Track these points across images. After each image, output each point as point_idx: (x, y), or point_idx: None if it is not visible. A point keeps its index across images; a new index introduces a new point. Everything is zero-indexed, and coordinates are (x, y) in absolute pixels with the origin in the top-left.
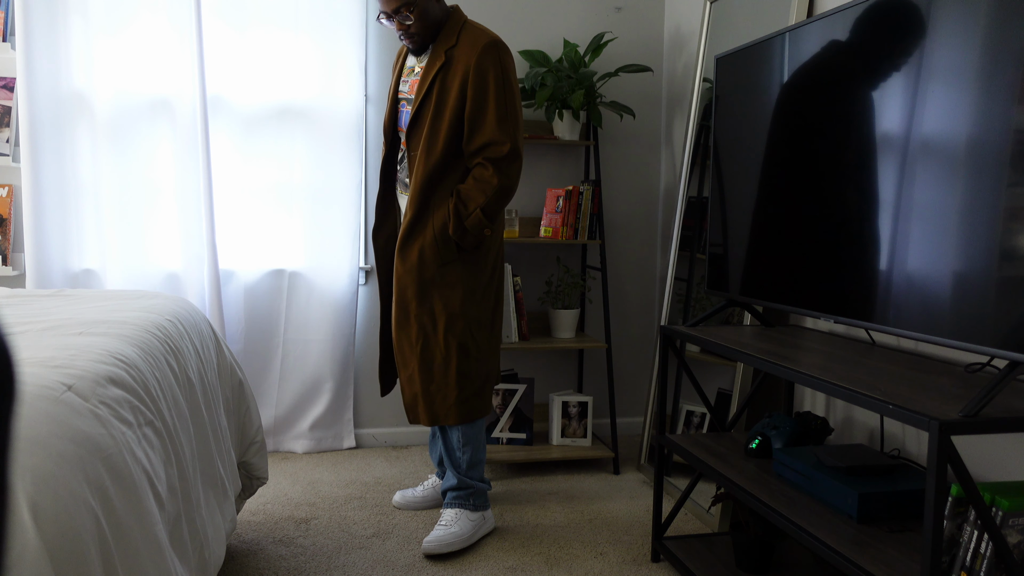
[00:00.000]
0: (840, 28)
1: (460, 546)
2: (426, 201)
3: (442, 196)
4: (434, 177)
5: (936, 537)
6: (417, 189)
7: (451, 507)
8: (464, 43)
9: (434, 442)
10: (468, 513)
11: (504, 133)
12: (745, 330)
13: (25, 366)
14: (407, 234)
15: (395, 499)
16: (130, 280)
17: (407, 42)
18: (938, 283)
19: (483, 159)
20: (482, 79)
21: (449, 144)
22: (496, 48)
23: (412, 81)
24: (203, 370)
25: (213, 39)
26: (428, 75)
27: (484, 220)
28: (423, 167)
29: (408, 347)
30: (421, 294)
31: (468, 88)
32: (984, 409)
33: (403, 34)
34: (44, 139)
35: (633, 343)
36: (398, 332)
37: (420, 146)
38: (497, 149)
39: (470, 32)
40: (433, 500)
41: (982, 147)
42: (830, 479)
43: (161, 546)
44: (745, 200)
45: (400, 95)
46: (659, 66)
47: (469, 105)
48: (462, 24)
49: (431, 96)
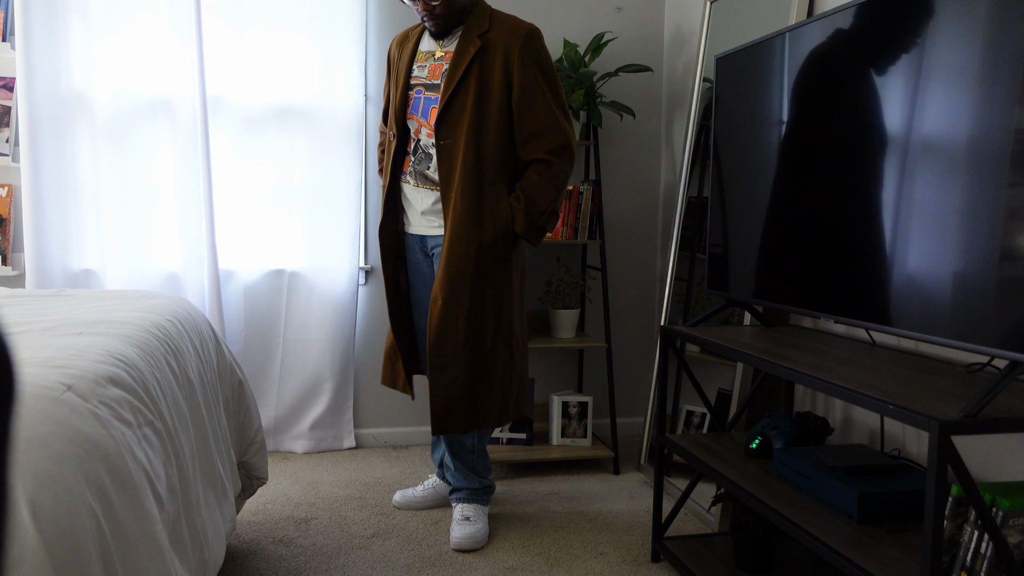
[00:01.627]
0: (839, 28)
1: (485, 541)
2: (479, 196)
3: (499, 191)
4: (488, 170)
5: (936, 537)
6: (464, 183)
7: (469, 503)
8: (500, 28)
9: (437, 444)
10: (485, 508)
11: (563, 123)
12: (745, 330)
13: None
14: (458, 232)
15: (395, 499)
16: (130, 280)
17: (430, 24)
18: (938, 283)
19: (546, 152)
20: (532, 67)
21: (501, 135)
22: (539, 35)
23: (433, 66)
24: (203, 370)
25: (213, 39)
26: (461, 60)
27: (556, 215)
28: (471, 159)
29: (453, 350)
30: (475, 294)
31: (514, 76)
32: (984, 409)
33: (427, 15)
34: (44, 139)
35: (633, 343)
36: (440, 335)
37: (462, 136)
38: (557, 139)
39: (504, 18)
40: (433, 500)
41: (983, 146)
42: (830, 479)
43: (161, 546)
44: (745, 200)
45: (414, 80)
46: (659, 66)
47: (518, 94)
48: (491, 10)
49: (468, 83)
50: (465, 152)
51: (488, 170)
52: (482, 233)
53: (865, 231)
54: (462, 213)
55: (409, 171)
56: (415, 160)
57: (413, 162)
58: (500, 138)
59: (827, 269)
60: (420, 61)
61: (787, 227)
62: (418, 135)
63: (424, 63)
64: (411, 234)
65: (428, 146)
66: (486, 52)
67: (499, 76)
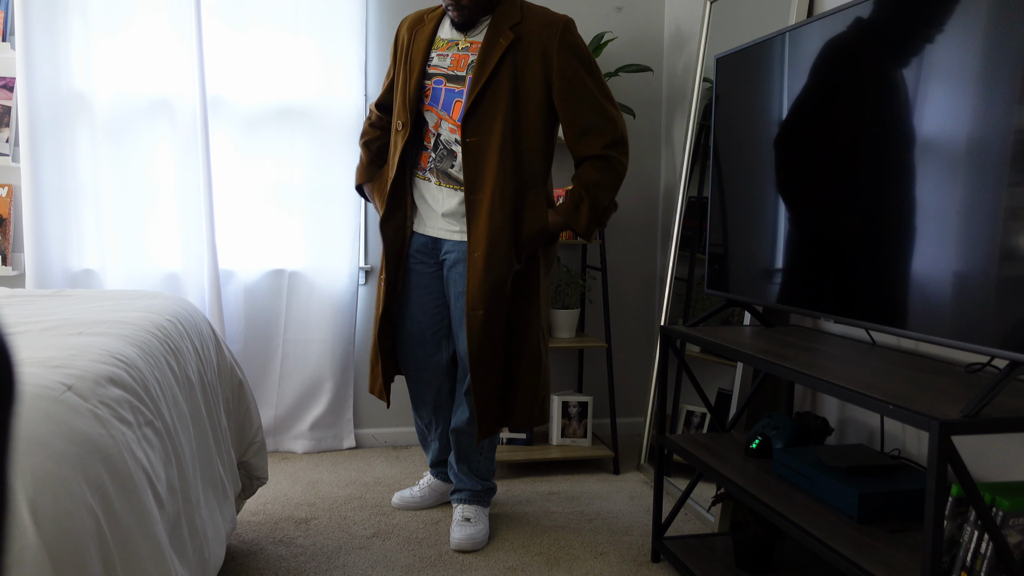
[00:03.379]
0: (839, 28)
1: (486, 541)
2: (521, 203)
3: (537, 196)
4: (527, 174)
5: (936, 537)
6: (502, 188)
7: (470, 504)
8: (533, 20)
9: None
10: (486, 509)
11: (614, 114)
12: (745, 330)
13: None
14: (496, 240)
15: (394, 500)
16: (130, 280)
17: (454, 13)
18: (938, 283)
19: (602, 148)
20: (572, 60)
21: (542, 136)
22: (575, 27)
23: (457, 56)
24: (203, 370)
25: (213, 39)
26: (492, 53)
27: (616, 208)
28: (509, 162)
29: (493, 358)
30: (518, 296)
31: (554, 71)
32: (984, 409)
33: (452, 5)
34: (44, 139)
35: (633, 343)
36: (482, 346)
37: (496, 136)
38: (611, 133)
39: (535, 9)
40: (432, 498)
41: (983, 146)
42: (830, 479)
43: (161, 546)
44: (745, 200)
45: (432, 69)
46: (659, 66)
47: (563, 90)
48: (520, 0)
49: (501, 78)
50: (502, 154)
51: (528, 173)
52: (520, 240)
53: (865, 231)
54: (501, 220)
55: (429, 167)
56: (435, 157)
57: (434, 159)
58: (540, 139)
59: (827, 269)
60: (440, 49)
61: (787, 227)
62: (438, 129)
63: (445, 52)
64: (421, 235)
65: (451, 142)
66: (519, 45)
67: (537, 72)
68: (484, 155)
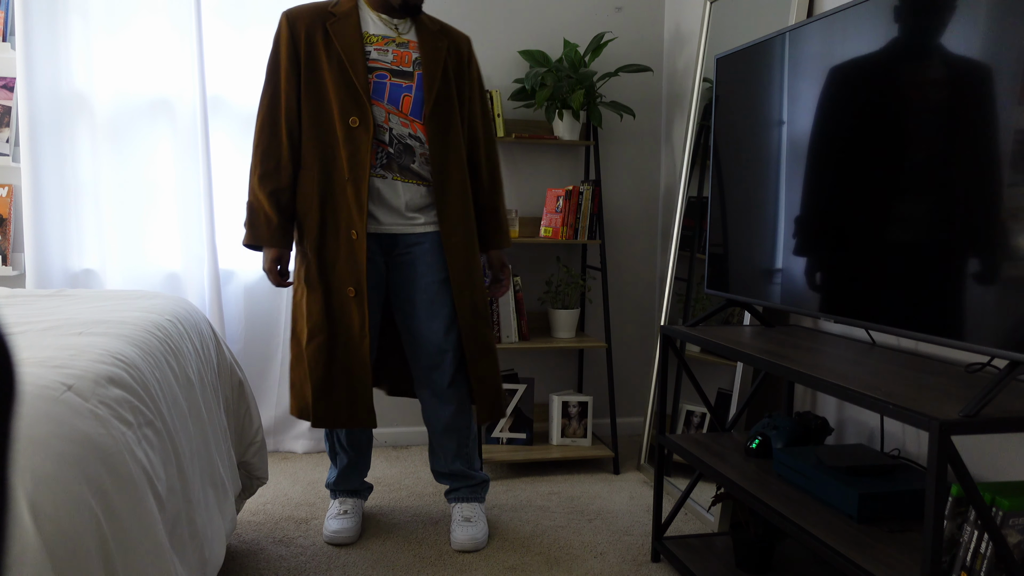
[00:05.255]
0: (839, 28)
1: (487, 541)
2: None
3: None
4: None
5: (936, 537)
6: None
7: (468, 502)
8: (450, 31)
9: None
10: (483, 506)
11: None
12: (745, 330)
13: (25, 366)
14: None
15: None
16: (130, 280)
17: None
18: (938, 283)
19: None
20: (479, 75)
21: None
22: None
23: (399, 52)
24: (203, 370)
25: (213, 39)
26: (438, 53)
27: None
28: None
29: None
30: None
31: (473, 81)
32: (984, 409)
33: None
34: (44, 139)
35: (633, 343)
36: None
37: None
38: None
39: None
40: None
41: (983, 146)
42: (830, 479)
43: (161, 546)
44: (745, 200)
45: (373, 64)
46: (659, 66)
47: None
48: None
49: (449, 77)
50: (458, 146)
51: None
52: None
53: (865, 230)
54: (462, 207)
55: (382, 163)
56: (393, 152)
57: (392, 154)
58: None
59: (827, 269)
60: (377, 44)
61: (787, 227)
62: (388, 123)
63: (384, 47)
64: (374, 234)
65: (404, 136)
66: (450, 51)
67: (463, 78)
68: (447, 148)
